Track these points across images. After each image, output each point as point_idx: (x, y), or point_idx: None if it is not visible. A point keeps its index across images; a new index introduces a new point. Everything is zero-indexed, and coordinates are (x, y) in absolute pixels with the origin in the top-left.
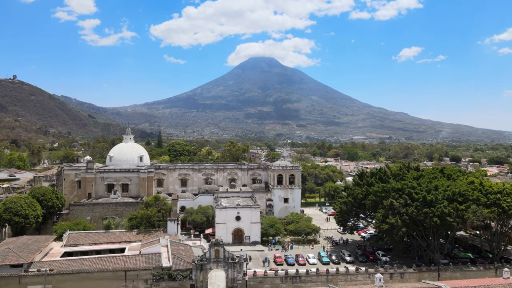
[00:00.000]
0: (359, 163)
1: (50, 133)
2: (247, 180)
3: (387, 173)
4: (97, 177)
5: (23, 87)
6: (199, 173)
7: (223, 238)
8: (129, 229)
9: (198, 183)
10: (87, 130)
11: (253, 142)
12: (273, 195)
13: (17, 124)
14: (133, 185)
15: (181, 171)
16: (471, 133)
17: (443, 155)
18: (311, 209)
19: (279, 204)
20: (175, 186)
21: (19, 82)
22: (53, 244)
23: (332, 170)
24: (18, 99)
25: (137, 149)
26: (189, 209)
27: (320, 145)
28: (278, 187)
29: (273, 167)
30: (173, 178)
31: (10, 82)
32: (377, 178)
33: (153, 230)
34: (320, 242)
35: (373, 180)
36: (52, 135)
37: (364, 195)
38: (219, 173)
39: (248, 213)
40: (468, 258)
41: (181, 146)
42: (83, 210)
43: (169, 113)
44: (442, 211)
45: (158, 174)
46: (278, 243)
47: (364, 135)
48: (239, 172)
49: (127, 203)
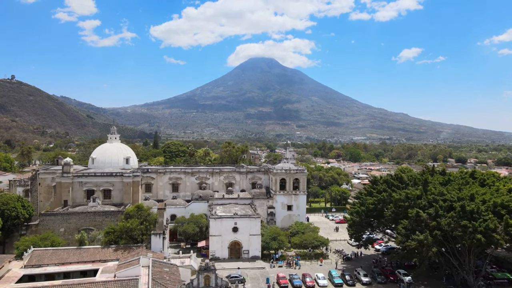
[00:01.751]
0: (362, 164)
1: (48, 133)
2: (246, 184)
3: (403, 179)
4: (75, 182)
5: (22, 87)
6: (192, 176)
7: (218, 252)
8: (106, 244)
9: (191, 188)
10: (86, 130)
11: (252, 142)
12: (275, 202)
13: (14, 124)
14: (116, 191)
15: (172, 175)
16: (471, 133)
17: (447, 156)
18: (316, 216)
19: (282, 212)
20: (165, 191)
21: (17, 82)
22: (12, 265)
23: (337, 173)
24: (16, 99)
25: (123, 149)
26: (180, 218)
27: (321, 145)
28: (280, 193)
29: (275, 170)
30: (163, 183)
31: (9, 82)
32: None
33: (134, 246)
34: (329, 257)
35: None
36: (49, 136)
37: (381, 204)
38: (214, 177)
39: (247, 223)
40: (506, 279)
41: (176, 147)
42: (55, 221)
43: (169, 114)
44: (487, 226)
45: (146, 178)
46: (281, 258)
47: (364, 136)
48: (237, 176)
49: (108, 212)
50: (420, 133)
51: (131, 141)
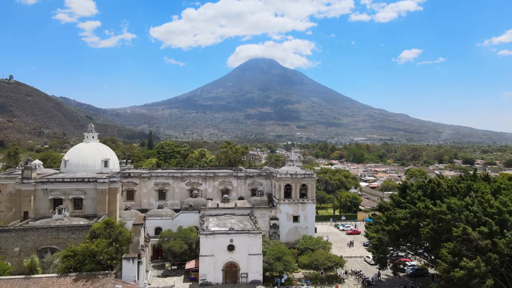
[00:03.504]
0: (366, 165)
1: (45, 134)
2: (245, 191)
3: (441, 185)
4: (38, 189)
5: (19, 87)
6: (182, 182)
7: (210, 275)
8: (64, 272)
9: (181, 195)
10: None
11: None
12: (278, 212)
13: (10, 125)
14: (88, 200)
15: (158, 180)
16: (472, 134)
17: (452, 157)
18: (324, 225)
19: (287, 224)
20: (150, 199)
21: (15, 82)
22: None
23: (345, 175)
24: (14, 100)
25: (102, 150)
26: (166, 232)
27: (322, 146)
28: (285, 202)
29: (279, 175)
30: (147, 189)
31: (6, 83)
32: (424, 194)
33: (101, 274)
34: (345, 280)
35: (421, 194)
36: (46, 136)
37: (415, 219)
38: (208, 183)
39: (246, 241)
40: None
41: (171, 147)
42: (8, 238)
43: (169, 114)
44: None
45: (128, 184)
46: (287, 283)
47: (365, 137)
48: (234, 181)
49: (75, 227)
50: (420, 133)
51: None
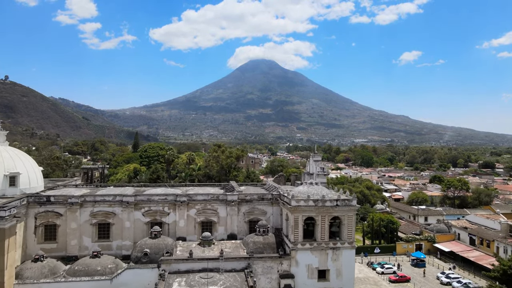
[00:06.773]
0: (377, 169)
1: (37, 135)
2: (238, 223)
3: None
4: None
5: (15, 88)
6: (137, 210)
7: None
8: None
9: (135, 232)
10: (81, 132)
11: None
12: (294, 265)
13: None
14: None
15: (97, 207)
16: (473, 136)
17: (466, 160)
18: None
19: (309, 284)
20: (83, 239)
21: (11, 83)
22: None
23: (367, 186)
24: (9, 100)
25: (7, 159)
26: None
27: (326, 148)
28: (305, 246)
29: (295, 201)
30: (78, 224)
31: (2, 83)
32: None
33: None
34: None
35: None
36: (39, 138)
37: None
38: (179, 211)
39: None
40: None
41: (155, 150)
42: None
43: (168, 116)
44: None
45: (46, 215)
46: None
47: (365, 138)
48: (222, 209)
49: None
50: (422, 135)
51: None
